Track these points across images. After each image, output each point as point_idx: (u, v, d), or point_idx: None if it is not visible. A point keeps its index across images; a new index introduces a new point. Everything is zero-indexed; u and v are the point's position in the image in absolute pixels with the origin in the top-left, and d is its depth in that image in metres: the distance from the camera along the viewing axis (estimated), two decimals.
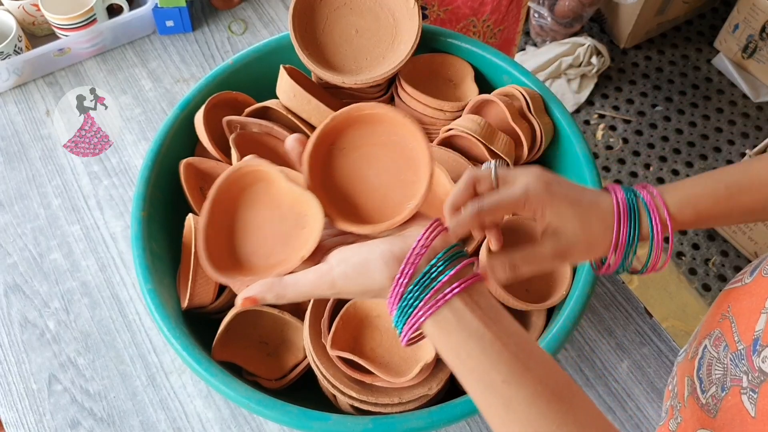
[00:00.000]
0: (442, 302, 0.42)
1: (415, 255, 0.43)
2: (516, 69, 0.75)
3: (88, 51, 1.04)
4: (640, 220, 0.49)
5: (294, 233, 0.48)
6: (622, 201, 0.50)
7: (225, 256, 0.48)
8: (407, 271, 0.43)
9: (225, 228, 0.49)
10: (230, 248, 0.48)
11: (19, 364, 0.79)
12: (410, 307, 0.43)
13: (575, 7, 2.01)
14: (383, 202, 0.49)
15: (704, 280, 1.74)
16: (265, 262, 0.48)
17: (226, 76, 0.78)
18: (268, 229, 0.48)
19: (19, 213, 0.91)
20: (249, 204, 0.49)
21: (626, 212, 0.49)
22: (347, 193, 0.50)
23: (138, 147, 0.96)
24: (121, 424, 0.75)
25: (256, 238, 0.48)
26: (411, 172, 0.49)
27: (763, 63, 2.00)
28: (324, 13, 0.75)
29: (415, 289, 0.43)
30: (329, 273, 0.45)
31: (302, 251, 0.46)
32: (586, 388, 0.75)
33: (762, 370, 0.40)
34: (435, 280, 0.43)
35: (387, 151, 0.50)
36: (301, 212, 0.48)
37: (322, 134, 0.49)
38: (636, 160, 1.95)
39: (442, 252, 0.44)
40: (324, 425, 0.56)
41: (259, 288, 0.46)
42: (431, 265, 0.43)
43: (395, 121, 0.49)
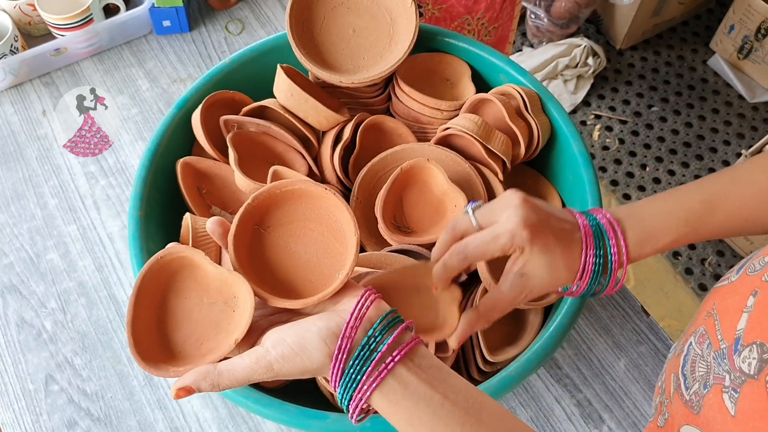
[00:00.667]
0: (386, 373, 0.43)
1: (350, 328, 0.43)
2: (513, 68, 0.75)
3: (85, 51, 1.04)
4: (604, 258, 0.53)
5: (225, 317, 0.48)
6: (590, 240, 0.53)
7: (156, 347, 0.47)
8: (345, 346, 0.43)
9: (154, 318, 0.48)
10: (161, 338, 0.48)
11: (15, 365, 0.79)
12: (353, 381, 0.43)
13: (571, 8, 2.01)
14: (314, 275, 0.49)
15: (700, 280, 1.74)
16: (198, 350, 0.47)
17: (224, 76, 0.78)
18: (198, 315, 0.48)
19: (15, 213, 0.90)
20: (176, 291, 0.49)
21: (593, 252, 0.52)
22: (277, 269, 0.50)
23: (135, 147, 0.96)
24: (119, 424, 0.75)
25: (186, 325, 0.48)
26: (338, 243, 0.50)
27: (758, 64, 2.01)
28: (321, 13, 0.75)
29: (356, 363, 0.43)
30: (265, 356, 0.44)
31: (235, 334, 0.45)
32: (583, 386, 0.75)
33: (742, 370, 0.41)
34: (374, 350, 0.43)
35: (313, 225, 0.51)
36: (230, 294, 0.48)
37: (244, 214, 0.49)
38: (632, 160, 1.95)
39: (377, 321, 0.44)
40: (322, 424, 0.56)
41: (193, 377, 0.44)
42: (369, 336, 0.43)
43: (317, 194, 0.50)
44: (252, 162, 0.73)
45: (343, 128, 0.75)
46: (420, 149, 0.73)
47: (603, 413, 0.74)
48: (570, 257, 0.52)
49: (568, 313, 0.61)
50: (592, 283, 0.54)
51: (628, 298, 0.81)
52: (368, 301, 0.45)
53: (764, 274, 0.44)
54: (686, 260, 1.78)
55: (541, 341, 0.60)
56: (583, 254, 0.53)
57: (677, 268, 1.77)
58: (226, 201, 0.76)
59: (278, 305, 0.47)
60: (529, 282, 0.52)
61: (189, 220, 0.66)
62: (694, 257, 1.78)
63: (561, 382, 0.76)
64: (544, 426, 0.73)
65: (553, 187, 0.77)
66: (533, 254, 0.51)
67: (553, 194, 0.76)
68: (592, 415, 0.74)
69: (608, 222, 0.54)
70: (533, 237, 0.51)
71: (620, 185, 1.91)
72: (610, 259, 0.53)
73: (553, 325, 0.60)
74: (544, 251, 0.51)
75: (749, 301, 0.44)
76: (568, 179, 0.73)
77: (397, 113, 0.78)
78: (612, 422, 0.73)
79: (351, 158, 0.75)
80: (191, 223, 0.66)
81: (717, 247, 1.79)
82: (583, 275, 0.53)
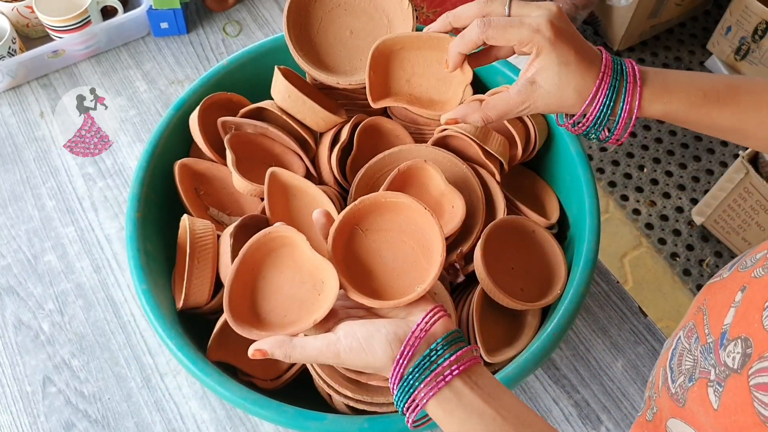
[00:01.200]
0: (443, 384, 0.45)
1: (414, 338, 0.46)
2: (510, 69, 0.75)
3: (83, 53, 1.04)
4: (617, 94, 0.52)
5: (310, 298, 0.52)
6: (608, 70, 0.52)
7: (245, 310, 0.52)
8: (407, 353, 0.46)
9: (249, 285, 0.53)
10: (251, 304, 0.53)
11: (13, 366, 0.79)
12: (411, 387, 0.46)
13: (569, 10, 2.02)
14: (395, 283, 0.54)
15: (698, 281, 1.74)
16: (281, 321, 0.52)
17: (221, 77, 0.78)
18: (287, 291, 0.53)
19: (13, 215, 0.90)
20: (273, 266, 0.54)
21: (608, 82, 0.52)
22: (364, 268, 0.54)
23: (133, 148, 0.96)
24: (116, 426, 0.75)
25: (275, 298, 0.53)
26: (425, 259, 0.54)
27: (755, 65, 2.02)
28: (318, 14, 0.75)
29: (415, 371, 0.46)
30: (336, 344, 0.48)
31: (315, 315, 0.50)
32: (581, 387, 0.75)
33: (727, 364, 0.41)
34: (434, 363, 0.46)
35: (405, 238, 0.55)
36: (319, 279, 0.53)
37: (349, 214, 0.54)
38: (630, 161, 1.95)
39: (442, 337, 0.47)
40: (320, 425, 0.56)
41: (270, 343, 0.48)
42: (431, 349, 0.46)
43: (417, 211, 0.54)
44: (250, 163, 0.73)
45: (341, 130, 0.75)
46: (417, 150, 0.73)
47: (601, 414, 0.74)
48: (583, 78, 0.51)
49: (565, 314, 0.61)
50: (600, 117, 0.52)
51: (626, 299, 0.81)
52: (436, 316, 0.48)
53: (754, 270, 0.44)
54: (684, 261, 1.78)
55: (538, 342, 0.60)
56: (598, 80, 0.51)
57: (675, 269, 1.77)
58: (224, 202, 0.76)
59: (358, 300, 0.51)
60: (536, 91, 0.52)
61: (187, 222, 0.66)
62: (692, 258, 1.78)
63: (559, 383, 0.76)
64: None
65: (550, 187, 0.77)
66: (549, 61, 0.50)
67: (551, 195, 0.76)
68: (590, 415, 0.74)
69: (631, 66, 0.53)
70: (555, 40, 0.50)
71: (618, 186, 1.91)
72: (624, 98, 0.52)
73: (551, 325, 0.60)
74: (560, 61, 0.51)
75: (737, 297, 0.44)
76: (565, 180, 0.73)
77: (395, 115, 0.78)
78: (610, 423, 0.74)
79: (348, 159, 0.75)
80: (189, 225, 0.66)
81: (715, 248, 1.79)
82: (594, 101, 0.52)
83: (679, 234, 1.83)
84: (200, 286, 0.66)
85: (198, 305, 0.67)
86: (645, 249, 1.80)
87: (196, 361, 0.60)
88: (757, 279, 0.43)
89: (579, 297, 0.62)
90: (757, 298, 0.41)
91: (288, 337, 0.49)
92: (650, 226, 1.84)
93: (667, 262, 1.78)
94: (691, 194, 1.89)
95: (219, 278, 0.67)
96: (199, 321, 0.69)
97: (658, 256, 1.79)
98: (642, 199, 1.89)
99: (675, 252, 1.80)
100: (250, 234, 0.66)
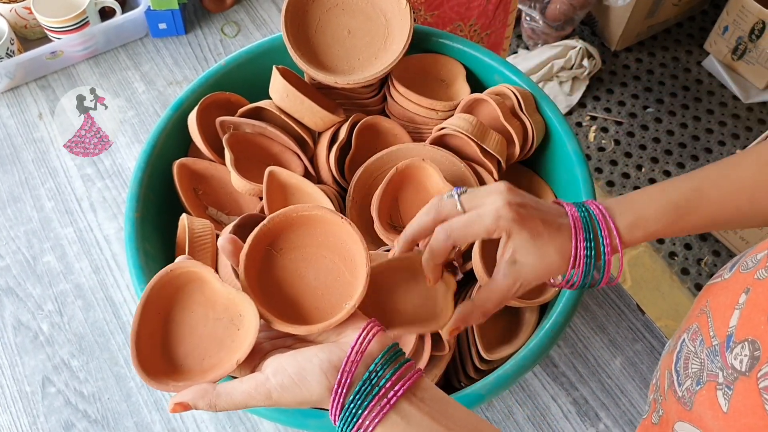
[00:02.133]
0: (388, 408, 0.42)
1: (351, 362, 0.43)
2: (507, 68, 0.76)
3: (81, 54, 1.04)
4: (595, 243, 0.52)
5: (229, 335, 0.47)
6: (579, 226, 0.52)
7: (158, 359, 0.47)
8: (345, 381, 0.43)
9: (158, 329, 0.48)
10: (164, 350, 0.47)
11: (12, 367, 0.79)
12: (354, 416, 0.42)
13: (566, 10, 2.02)
14: (321, 302, 0.49)
15: (696, 280, 1.75)
16: (200, 366, 0.47)
17: (219, 77, 0.78)
18: (203, 330, 0.48)
19: (11, 216, 0.90)
20: (183, 305, 0.49)
21: (582, 237, 0.52)
22: (285, 293, 0.49)
23: (131, 149, 0.96)
24: (116, 426, 0.75)
25: (190, 340, 0.48)
26: (349, 273, 0.50)
27: (752, 64, 2.02)
28: (316, 14, 0.76)
29: (356, 398, 0.42)
30: (265, 384, 0.43)
31: (238, 354, 0.45)
32: (579, 384, 0.76)
33: (734, 367, 0.41)
34: (376, 385, 0.43)
35: (326, 252, 0.51)
36: (236, 313, 0.48)
37: (259, 234, 0.49)
38: (628, 161, 1.96)
39: (380, 355, 0.44)
40: (319, 422, 0.56)
41: (192, 395, 0.44)
42: (370, 371, 0.43)
43: (333, 222, 0.50)
44: (248, 163, 0.74)
45: (339, 129, 0.75)
46: (415, 149, 0.74)
47: (599, 411, 0.74)
48: (559, 240, 0.51)
49: (563, 311, 0.61)
50: (588, 270, 0.53)
51: (624, 297, 0.81)
52: (370, 334, 0.45)
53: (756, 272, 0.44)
54: (682, 260, 1.78)
55: (537, 339, 0.60)
56: (573, 239, 0.52)
57: (673, 269, 1.77)
58: (223, 202, 0.76)
59: (282, 329, 0.47)
60: (521, 270, 0.51)
61: (185, 221, 0.67)
62: (690, 257, 1.79)
63: (557, 380, 0.76)
64: (541, 424, 0.74)
65: (548, 186, 0.77)
66: (521, 239, 0.50)
67: (548, 193, 0.77)
68: (588, 413, 0.74)
69: (596, 208, 0.53)
70: (519, 219, 0.50)
71: (616, 186, 1.92)
72: (602, 242, 0.52)
73: (549, 323, 0.61)
74: (532, 236, 0.51)
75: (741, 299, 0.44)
76: (562, 178, 0.74)
77: (393, 114, 0.78)
78: (608, 420, 0.74)
79: (347, 159, 0.76)
80: (188, 224, 0.66)
81: (713, 247, 1.80)
82: (577, 261, 0.52)
83: None
84: None
85: None
86: (643, 248, 1.81)
87: None
88: (761, 281, 0.43)
89: (577, 294, 0.62)
90: (761, 300, 0.41)
91: (210, 385, 0.44)
92: None
93: (666, 262, 1.78)
94: None
95: None
96: None
97: (657, 256, 1.79)
98: None
99: (673, 251, 1.80)
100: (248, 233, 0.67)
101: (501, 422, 0.74)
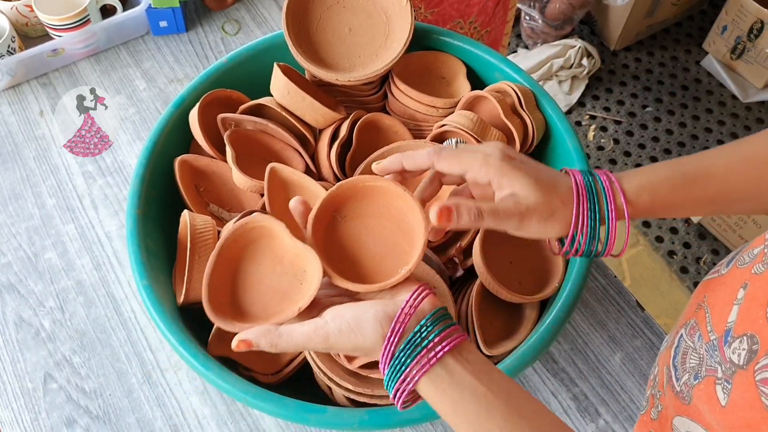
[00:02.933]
0: (435, 360, 0.45)
1: (404, 314, 0.46)
2: (507, 66, 0.76)
3: (82, 52, 1.04)
4: (599, 203, 0.51)
5: (292, 288, 0.51)
6: (580, 183, 0.52)
7: (226, 304, 0.51)
8: (397, 330, 0.45)
9: (228, 278, 0.52)
10: (232, 297, 0.52)
11: (14, 363, 0.79)
12: (402, 365, 0.45)
13: (566, 10, 2.03)
14: (379, 267, 0.53)
15: (696, 279, 1.75)
16: (263, 313, 0.51)
17: (221, 74, 0.78)
18: (269, 283, 0.52)
19: (13, 213, 0.91)
20: (252, 258, 0.53)
21: (585, 194, 0.51)
22: (346, 255, 0.53)
23: (132, 146, 0.97)
24: (117, 422, 0.75)
25: (257, 290, 0.52)
26: (406, 242, 0.53)
27: (751, 64, 2.03)
28: (317, 12, 0.76)
29: (406, 348, 0.45)
30: (323, 327, 0.47)
31: (299, 303, 0.49)
32: (579, 380, 0.76)
33: (733, 361, 0.41)
34: (425, 339, 0.45)
35: (386, 222, 0.54)
36: (301, 268, 0.51)
37: (326, 201, 0.53)
38: (627, 160, 1.96)
39: (430, 314, 0.46)
40: (320, 417, 0.56)
41: (254, 333, 0.47)
42: (421, 325, 0.46)
43: (395, 194, 0.53)
44: (249, 160, 0.74)
45: (340, 126, 0.75)
46: (416, 146, 0.74)
47: (599, 407, 0.75)
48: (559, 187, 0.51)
49: (563, 307, 0.61)
50: (592, 231, 0.51)
51: (623, 293, 0.82)
52: (423, 294, 0.47)
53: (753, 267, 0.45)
54: (681, 259, 1.79)
55: (537, 335, 0.60)
56: (575, 196, 0.51)
57: (672, 267, 1.77)
58: (224, 199, 0.76)
59: (342, 285, 0.50)
60: (521, 202, 0.50)
61: (187, 218, 0.67)
62: (689, 256, 1.79)
63: (557, 376, 0.76)
64: None
65: None
66: (514, 177, 0.50)
67: None
68: (588, 408, 0.75)
69: (602, 173, 0.53)
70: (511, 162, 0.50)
71: None
72: (606, 200, 0.51)
73: (549, 318, 0.61)
74: (528, 174, 0.50)
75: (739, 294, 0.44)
76: None
77: (393, 111, 0.79)
78: (608, 416, 0.74)
79: (348, 155, 0.76)
80: (189, 221, 0.66)
81: (712, 246, 1.80)
82: (580, 220, 0.50)
83: (677, 232, 1.83)
84: (201, 281, 0.66)
85: (199, 300, 0.67)
86: (642, 247, 1.81)
87: (197, 356, 0.60)
88: (758, 275, 0.43)
89: (577, 290, 0.62)
90: (759, 295, 0.41)
91: (273, 326, 0.48)
92: (647, 224, 1.85)
93: (665, 260, 1.79)
94: None
95: None
96: (199, 316, 0.69)
97: (656, 254, 1.80)
98: None
99: (672, 250, 1.80)
100: None
101: None
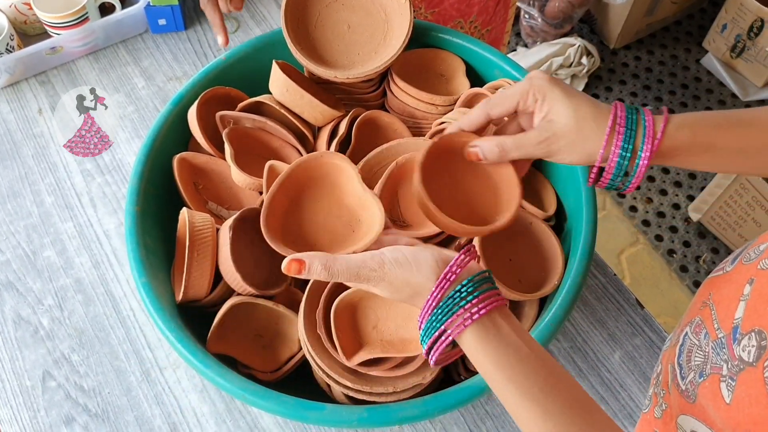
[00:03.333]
0: (485, 311, 0.45)
1: (460, 260, 0.47)
2: (507, 63, 0.76)
3: (81, 50, 1.04)
4: (635, 135, 0.51)
5: (342, 233, 0.51)
6: (621, 111, 0.52)
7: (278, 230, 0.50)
8: (451, 274, 0.46)
9: (284, 206, 0.51)
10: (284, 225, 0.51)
11: (12, 361, 0.79)
12: (456, 305, 0.46)
13: (565, 8, 2.02)
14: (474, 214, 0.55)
15: (695, 278, 1.75)
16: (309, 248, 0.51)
17: (219, 72, 0.78)
18: (321, 221, 0.51)
19: (12, 211, 0.90)
20: (313, 193, 0.53)
21: (624, 121, 0.51)
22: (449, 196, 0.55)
23: (131, 145, 0.96)
24: (116, 420, 0.75)
25: (309, 226, 0.51)
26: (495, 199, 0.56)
27: (751, 62, 2.02)
28: (316, 9, 0.76)
29: (462, 289, 0.46)
30: (380, 255, 0.47)
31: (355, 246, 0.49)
32: (579, 378, 0.76)
33: (742, 358, 0.41)
34: (477, 290, 0.46)
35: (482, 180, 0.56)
36: (356, 218, 0.51)
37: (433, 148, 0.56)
38: None
39: (478, 272, 0.47)
40: (319, 415, 0.56)
41: (309, 255, 0.47)
42: (470, 279, 0.46)
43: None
44: (248, 157, 0.74)
45: (339, 123, 0.75)
46: (415, 144, 0.74)
47: (599, 404, 0.74)
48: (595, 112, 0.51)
49: (563, 304, 0.61)
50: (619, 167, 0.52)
51: (623, 291, 0.82)
52: (471, 254, 0.48)
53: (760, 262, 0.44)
54: (681, 258, 1.79)
55: (536, 332, 0.60)
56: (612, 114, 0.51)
57: (672, 266, 1.77)
58: (223, 196, 0.76)
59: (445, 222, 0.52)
60: (555, 127, 0.52)
61: (186, 215, 0.67)
62: (689, 255, 1.79)
63: None
64: None
65: (547, 180, 0.78)
66: (555, 98, 0.51)
67: (548, 187, 0.77)
68: None
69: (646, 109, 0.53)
70: (553, 82, 0.52)
71: None
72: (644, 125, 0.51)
73: (548, 316, 0.61)
74: (566, 95, 0.51)
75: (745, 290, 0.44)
76: (562, 173, 0.74)
77: (392, 108, 0.79)
78: (608, 414, 0.74)
79: (347, 153, 0.76)
80: (188, 218, 0.66)
81: (712, 245, 1.80)
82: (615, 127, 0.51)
83: (676, 231, 1.83)
84: (199, 278, 0.66)
85: (197, 298, 0.67)
86: (642, 246, 1.81)
87: (195, 353, 0.60)
88: (765, 270, 0.43)
89: (576, 287, 0.62)
90: (766, 290, 0.41)
91: (328, 254, 0.47)
92: (647, 223, 1.85)
93: (665, 259, 1.79)
94: (688, 191, 1.90)
95: (218, 271, 0.67)
96: (198, 314, 0.69)
97: (656, 253, 1.80)
98: (639, 196, 1.90)
99: (672, 249, 1.80)
100: (249, 227, 0.67)
101: (501, 415, 0.74)
